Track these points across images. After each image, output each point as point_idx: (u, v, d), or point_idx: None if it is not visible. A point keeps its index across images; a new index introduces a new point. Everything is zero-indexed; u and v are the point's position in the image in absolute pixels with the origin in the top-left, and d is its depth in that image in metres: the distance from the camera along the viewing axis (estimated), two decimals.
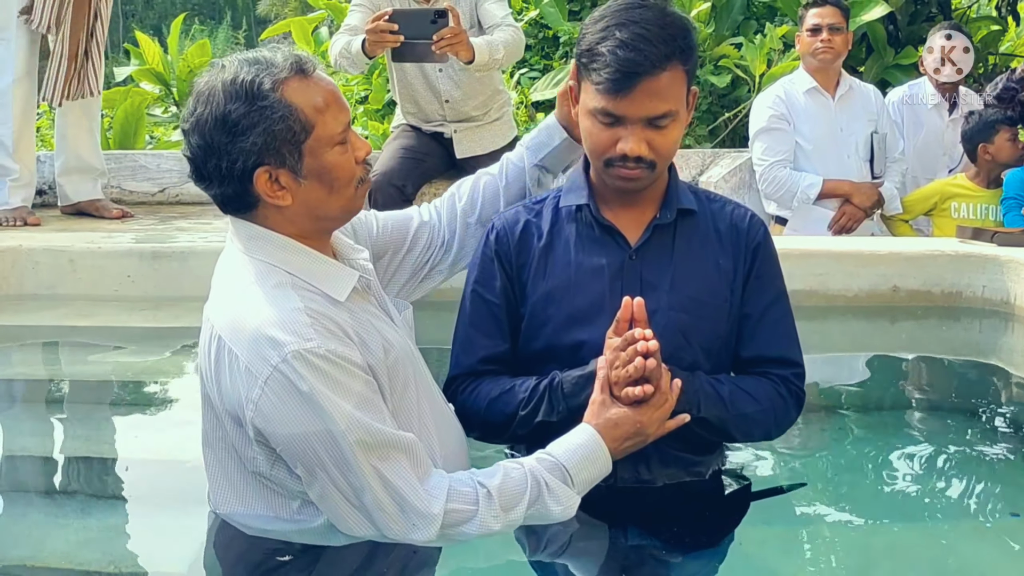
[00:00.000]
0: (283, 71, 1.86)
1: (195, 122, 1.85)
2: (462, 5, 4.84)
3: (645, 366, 1.93)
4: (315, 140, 1.87)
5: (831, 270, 3.71)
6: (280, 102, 1.84)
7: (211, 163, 1.85)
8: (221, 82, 1.84)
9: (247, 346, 1.81)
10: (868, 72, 6.95)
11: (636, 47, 1.98)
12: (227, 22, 32.65)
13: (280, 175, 1.86)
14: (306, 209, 1.91)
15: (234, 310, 1.87)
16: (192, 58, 7.60)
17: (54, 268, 3.76)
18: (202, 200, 5.37)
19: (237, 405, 1.84)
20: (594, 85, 2.03)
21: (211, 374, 1.89)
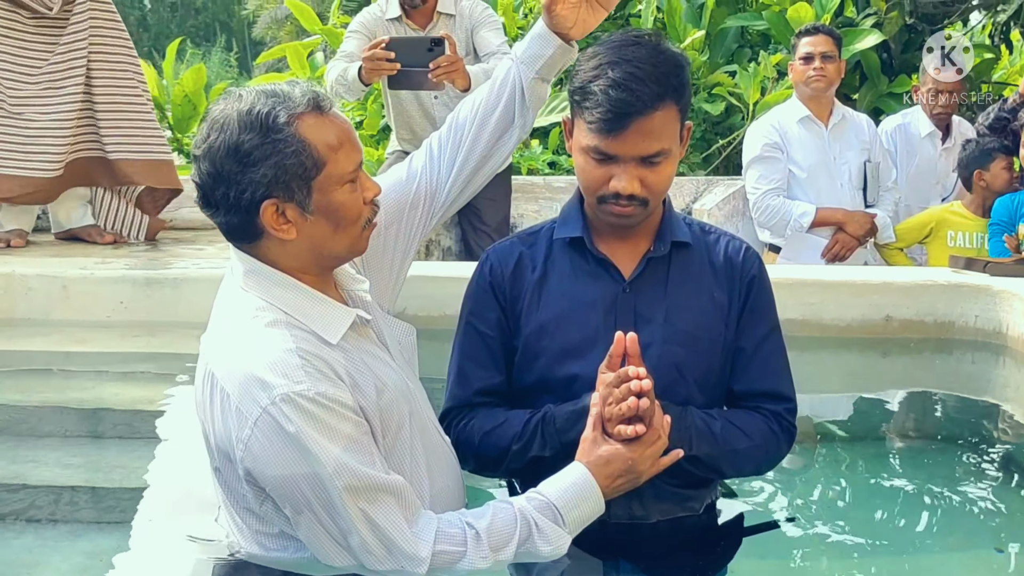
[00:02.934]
0: (300, 106, 1.86)
1: (207, 149, 1.85)
2: (458, 33, 4.86)
3: (638, 405, 1.92)
4: (325, 177, 1.87)
5: (824, 299, 3.71)
6: (294, 136, 1.84)
7: (219, 191, 1.85)
8: (237, 111, 1.85)
9: (238, 386, 1.81)
10: (862, 100, 6.97)
11: (628, 87, 1.98)
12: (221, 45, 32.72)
13: (287, 209, 1.86)
14: (310, 245, 1.91)
15: (227, 348, 1.87)
16: (187, 82, 7.59)
17: (47, 294, 3.75)
18: (195, 226, 5.37)
19: (228, 443, 1.84)
20: (587, 123, 2.03)
21: (206, 410, 1.89)
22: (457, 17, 4.94)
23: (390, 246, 2.26)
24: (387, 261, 2.27)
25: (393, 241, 2.27)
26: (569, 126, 2.15)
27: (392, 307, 2.28)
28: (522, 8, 7.78)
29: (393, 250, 2.27)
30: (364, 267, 2.20)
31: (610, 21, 7.42)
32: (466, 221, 5.23)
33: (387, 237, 2.25)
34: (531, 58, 2.32)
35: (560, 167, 6.50)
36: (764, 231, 5.27)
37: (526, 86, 2.32)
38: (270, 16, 28.61)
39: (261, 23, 29.71)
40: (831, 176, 5.18)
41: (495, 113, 2.33)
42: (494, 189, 5.22)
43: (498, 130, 2.34)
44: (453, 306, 2.42)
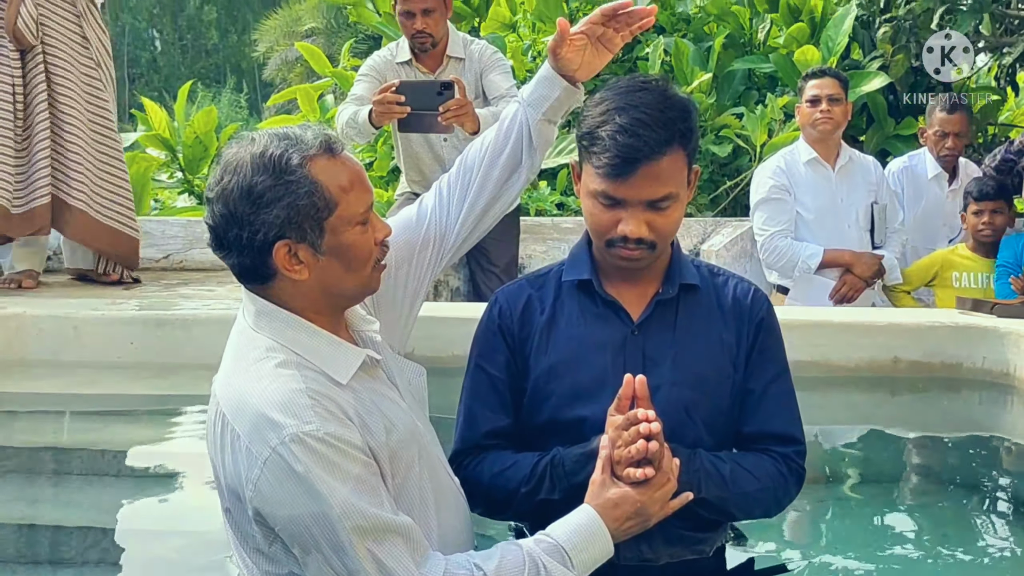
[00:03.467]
0: (312, 148, 1.89)
1: (220, 191, 1.87)
2: (467, 76, 4.90)
3: (647, 448, 1.92)
4: (337, 218, 1.89)
5: (832, 341, 3.72)
6: (306, 178, 1.87)
7: (232, 232, 1.87)
8: (250, 154, 1.88)
9: (248, 426, 1.82)
10: (869, 142, 7.00)
11: (636, 132, 1.99)
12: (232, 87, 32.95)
13: (299, 250, 1.88)
14: (322, 285, 1.93)
15: (238, 388, 1.88)
16: (198, 124, 7.66)
17: (58, 335, 3.77)
18: (206, 267, 5.40)
19: (237, 483, 1.85)
20: (595, 168, 2.05)
21: (217, 450, 1.91)
22: (467, 61, 4.98)
23: (400, 287, 2.27)
24: (397, 302, 2.28)
25: (404, 282, 2.28)
26: (577, 170, 2.17)
27: (403, 348, 2.29)
28: (531, 51, 7.85)
29: (404, 291, 2.28)
30: (375, 308, 2.21)
31: (617, 64, 7.48)
32: (474, 262, 5.25)
33: (397, 278, 2.26)
34: (537, 100, 2.34)
35: (568, 208, 6.52)
36: (772, 272, 5.28)
37: (533, 128, 2.34)
38: (281, 58, 28.81)
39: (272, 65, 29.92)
40: (838, 218, 5.20)
41: (503, 155, 2.35)
42: (502, 230, 5.24)
43: (506, 171, 2.36)
44: (461, 346, 2.44)
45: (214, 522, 2.09)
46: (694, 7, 7.74)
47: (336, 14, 25.35)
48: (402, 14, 4.88)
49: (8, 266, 4.92)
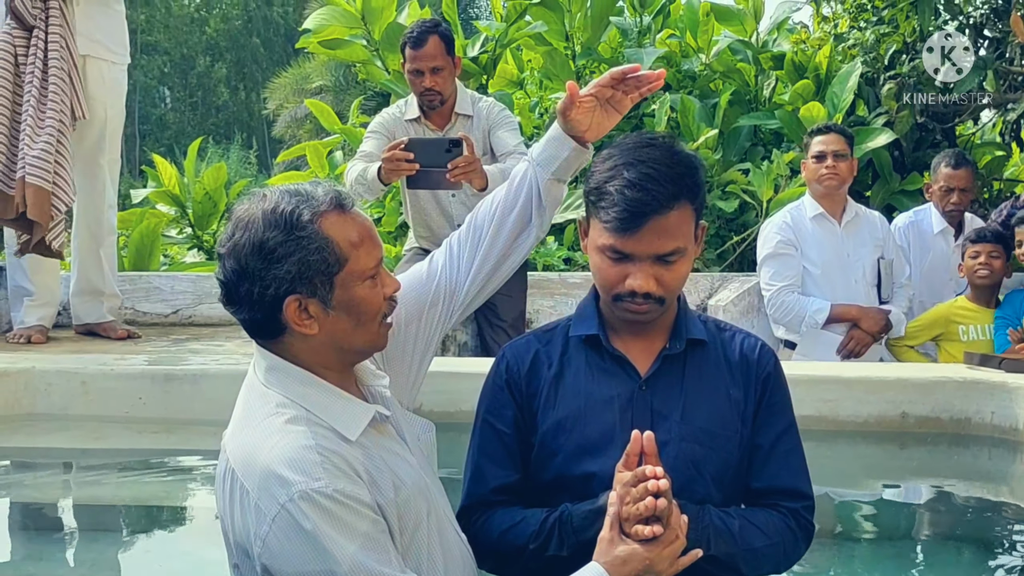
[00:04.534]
0: (323, 204, 1.91)
1: (232, 246, 1.89)
2: (475, 133, 4.94)
3: (656, 505, 1.91)
4: (347, 273, 1.91)
5: (840, 396, 3.71)
6: (317, 234, 1.88)
7: (243, 287, 1.89)
8: (262, 210, 1.89)
9: (257, 482, 1.82)
10: (875, 198, 7.03)
11: (644, 187, 2.00)
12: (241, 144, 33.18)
13: (309, 304, 1.90)
14: (331, 340, 1.94)
15: (248, 444, 1.88)
16: (208, 180, 7.71)
17: (66, 390, 3.77)
18: (214, 322, 5.42)
19: (246, 539, 1.85)
20: (603, 223, 2.05)
21: (226, 505, 1.90)
22: (475, 118, 5.03)
23: (410, 343, 2.28)
24: (407, 358, 2.28)
25: (413, 338, 2.28)
26: (584, 226, 2.17)
27: (411, 403, 2.30)
28: (538, 108, 7.91)
29: (413, 347, 2.29)
30: (384, 363, 2.21)
31: (624, 120, 7.51)
32: (482, 316, 5.26)
33: (407, 334, 2.27)
34: (547, 160, 2.36)
35: (575, 263, 6.54)
36: (779, 327, 5.28)
37: (542, 187, 2.35)
38: (290, 115, 29.04)
39: (281, 122, 30.15)
40: (845, 273, 5.21)
41: (512, 213, 2.36)
42: (510, 285, 5.24)
43: (516, 230, 2.37)
44: (469, 401, 2.43)
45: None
46: (700, 65, 7.81)
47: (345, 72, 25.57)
48: (411, 72, 4.93)
49: (19, 321, 4.95)
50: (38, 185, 4.53)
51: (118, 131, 5.11)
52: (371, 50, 7.84)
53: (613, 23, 8.06)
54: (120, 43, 5.02)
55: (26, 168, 4.52)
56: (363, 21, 7.73)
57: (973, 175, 5.86)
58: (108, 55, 4.94)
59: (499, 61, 8.09)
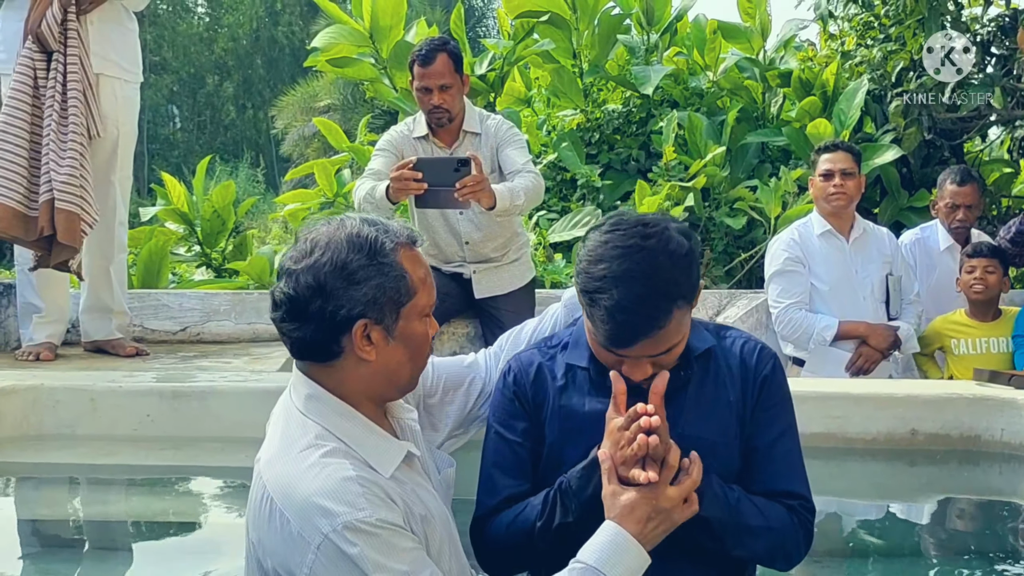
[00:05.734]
0: (400, 237, 2.01)
1: (310, 264, 1.94)
2: (484, 151, 4.95)
3: (648, 443, 1.93)
4: (412, 307, 2.01)
5: (849, 413, 3.70)
6: (396, 264, 1.98)
7: (316, 304, 1.93)
8: (345, 234, 1.97)
9: (299, 512, 1.86)
10: (883, 214, 7.03)
11: (636, 310, 2.00)
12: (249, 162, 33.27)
13: (374, 331, 1.97)
14: (384, 370, 2.01)
15: (286, 474, 1.92)
16: (216, 199, 7.73)
17: (74, 407, 3.77)
18: (222, 339, 5.42)
19: (284, 567, 1.88)
20: (595, 332, 2.07)
21: (263, 529, 1.93)
22: (483, 135, 5.03)
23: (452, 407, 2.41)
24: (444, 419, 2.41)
25: (454, 405, 2.41)
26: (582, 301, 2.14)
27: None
28: (545, 126, 7.92)
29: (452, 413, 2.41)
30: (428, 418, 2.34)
31: (632, 137, 7.55)
32: (490, 334, 5.26)
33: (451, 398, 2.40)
34: (573, 306, 2.50)
35: None
36: (787, 344, 5.28)
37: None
38: (298, 134, 29.13)
39: (289, 141, 30.24)
40: (853, 290, 5.20)
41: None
42: (518, 302, 5.27)
43: None
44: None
45: None
46: (707, 82, 7.83)
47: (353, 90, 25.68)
48: (419, 90, 4.94)
49: (28, 338, 4.96)
50: (68, 210, 4.58)
51: (130, 149, 5.13)
52: (379, 68, 7.88)
53: (620, 41, 8.09)
54: (133, 61, 5.04)
55: (54, 193, 4.56)
56: (371, 39, 7.77)
57: (979, 191, 5.85)
58: (121, 73, 4.96)
59: (507, 79, 8.12)
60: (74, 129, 4.64)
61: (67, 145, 4.62)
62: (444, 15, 25.71)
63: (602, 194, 7.21)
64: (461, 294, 5.23)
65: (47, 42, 4.61)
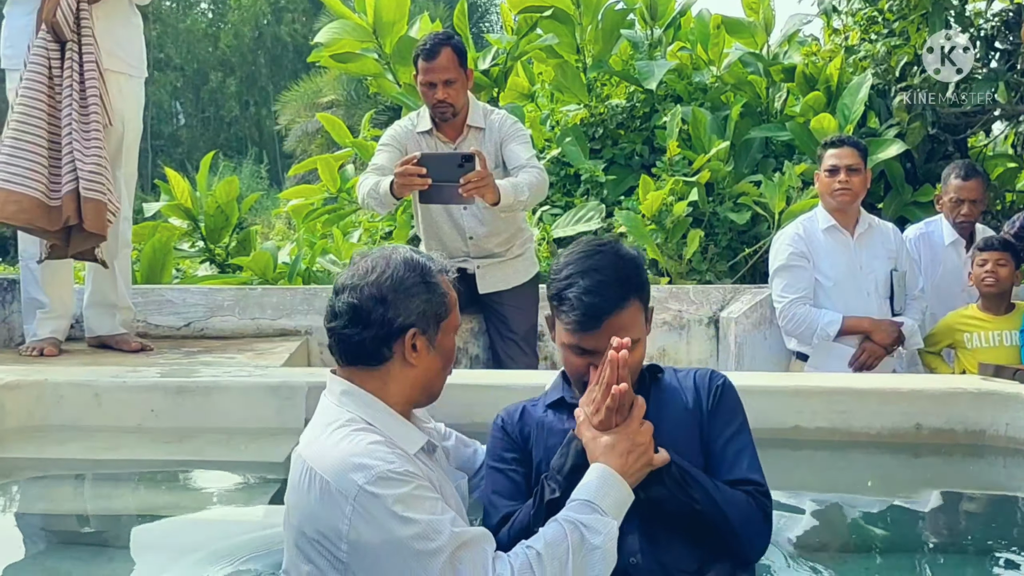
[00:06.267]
0: (439, 266, 2.44)
1: (374, 279, 2.33)
2: (487, 146, 4.94)
3: (621, 392, 2.27)
4: (448, 322, 2.42)
5: (853, 408, 3.70)
6: (441, 284, 2.40)
7: (378, 312, 2.31)
8: (400, 257, 2.38)
9: (335, 471, 2.15)
10: (887, 209, 7.02)
11: (599, 292, 2.37)
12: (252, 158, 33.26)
13: (420, 341, 2.35)
14: (424, 376, 2.39)
15: (322, 445, 2.23)
16: (220, 194, 7.72)
17: (79, 402, 3.77)
18: (226, 335, 5.42)
19: (326, 527, 2.13)
20: (564, 325, 2.43)
21: (301, 503, 2.20)
22: (487, 130, 5.03)
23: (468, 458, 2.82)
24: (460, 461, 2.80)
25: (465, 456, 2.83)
26: (551, 322, 2.55)
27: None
28: (549, 120, 7.92)
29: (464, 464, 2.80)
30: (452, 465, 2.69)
31: (636, 132, 7.54)
32: (494, 329, 5.27)
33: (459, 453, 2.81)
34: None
35: None
36: (791, 339, 5.27)
37: None
38: (301, 129, 29.12)
39: (292, 136, 30.23)
40: (857, 285, 5.20)
41: None
42: (522, 298, 5.27)
43: None
44: (481, 414, 2.79)
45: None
46: (711, 77, 7.82)
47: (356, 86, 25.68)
48: (423, 84, 4.94)
49: (32, 333, 4.96)
50: (96, 198, 4.62)
51: (135, 144, 5.13)
52: (382, 63, 7.87)
53: (624, 36, 8.09)
54: (138, 57, 5.04)
55: (80, 182, 4.60)
56: (374, 34, 7.76)
57: (983, 186, 5.84)
58: (127, 68, 4.96)
59: (510, 74, 8.11)
60: (95, 119, 4.68)
61: (90, 135, 4.65)
62: (447, 10, 25.69)
63: (606, 189, 7.20)
64: (465, 289, 5.22)
65: (62, 32, 4.61)
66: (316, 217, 7.76)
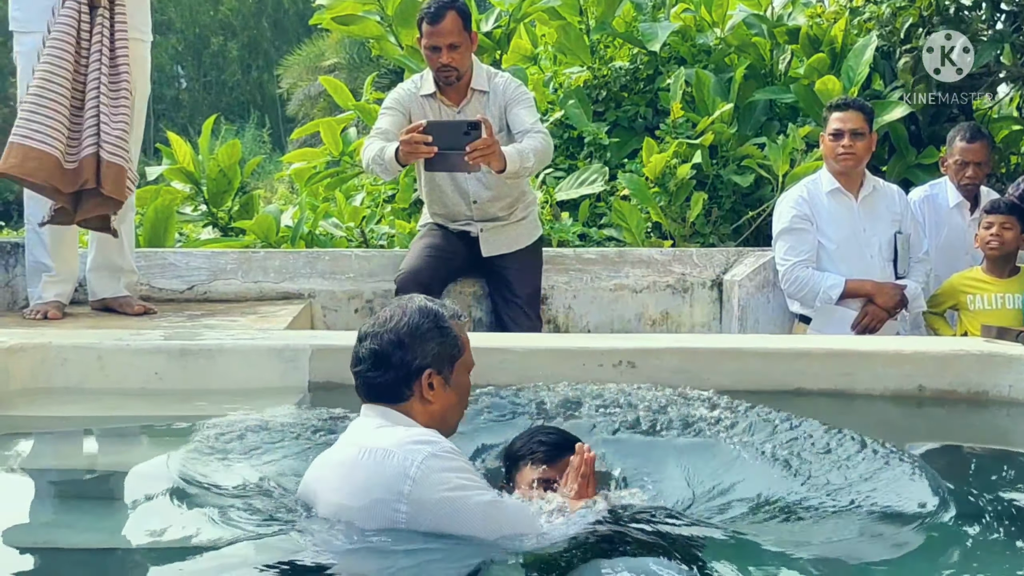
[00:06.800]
0: (452, 314, 2.68)
1: (392, 327, 2.59)
2: (491, 109, 4.92)
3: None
4: (462, 362, 2.67)
5: (857, 369, 3.71)
6: (452, 329, 2.65)
7: (397, 355, 2.56)
8: (416, 306, 2.64)
9: (401, 445, 2.41)
10: (891, 172, 6.99)
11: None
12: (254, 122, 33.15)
13: (436, 380, 2.59)
14: (441, 412, 2.62)
15: (381, 433, 2.49)
16: (222, 158, 7.68)
17: (82, 365, 3.78)
18: (229, 298, 5.43)
19: (390, 487, 2.36)
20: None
21: (350, 477, 2.43)
22: (491, 94, 5.01)
23: None
24: None
25: None
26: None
27: None
28: (552, 83, 7.88)
29: None
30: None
31: (639, 95, 7.51)
32: (497, 293, 5.26)
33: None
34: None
35: (590, 239, 6.54)
36: (794, 302, 5.27)
37: None
38: (304, 93, 29.01)
39: (295, 100, 30.12)
40: (861, 248, 5.19)
41: None
42: (525, 261, 5.27)
43: None
44: (484, 375, 2.92)
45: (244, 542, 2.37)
46: (715, 39, 7.77)
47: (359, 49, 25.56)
48: (428, 48, 4.91)
49: (36, 297, 4.96)
50: (118, 164, 4.67)
51: (142, 109, 5.11)
52: (385, 26, 7.82)
53: None
54: (144, 20, 5.03)
55: (103, 146, 4.63)
56: None
57: (989, 148, 5.83)
58: (138, 33, 4.95)
59: (513, 36, 8.06)
60: (125, 86, 4.73)
61: (119, 101, 4.71)
62: None
63: (609, 152, 7.17)
64: (468, 253, 5.22)
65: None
66: (318, 180, 7.73)
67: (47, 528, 2.77)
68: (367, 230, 6.91)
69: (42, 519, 2.85)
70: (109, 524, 2.80)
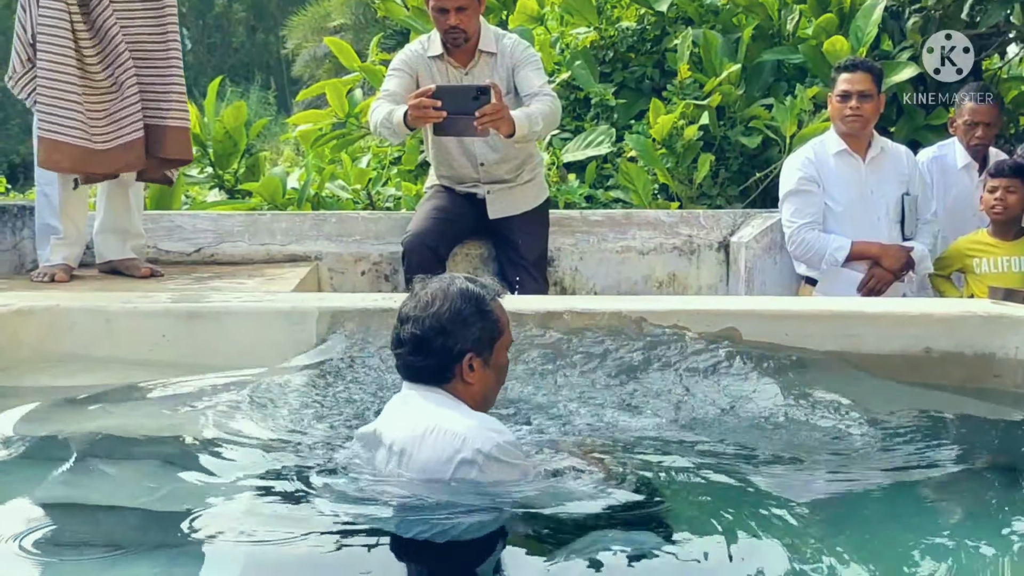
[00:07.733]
0: (493, 293, 2.72)
1: (434, 311, 2.62)
2: (499, 71, 4.91)
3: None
4: (502, 342, 2.72)
5: (863, 331, 3.71)
6: (493, 312, 2.69)
7: (439, 341, 2.61)
8: (458, 289, 2.65)
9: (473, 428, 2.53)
10: (899, 133, 6.96)
11: None
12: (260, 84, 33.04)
13: (477, 362, 2.65)
14: (482, 391, 2.69)
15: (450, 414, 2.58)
16: (228, 119, 7.67)
17: (90, 328, 3.80)
18: (236, 260, 5.44)
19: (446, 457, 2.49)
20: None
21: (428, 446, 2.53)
22: (498, 56, 4.99)
23: None
24: None
25: None
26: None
27: None
28: (559, 44, 7.84)
29: None
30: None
31: (646, 55, 7.47)
32: (504, 255, 5.26)
33: None
34: None
35: (597, 201, 6.53)
36: (800, 264, 5.27)
37: None
38: (309, 54, 28.88)
39: (300, 61, 29.98)
40: (867, 210, 5.17)
41: None
42: (532, 223, 5.26)
43: None
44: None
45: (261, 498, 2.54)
46: None
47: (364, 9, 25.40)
48: (435, 10, 4.89)
49: (44, 259, 4.97)
50: (184, 127, 4.97)
51: None
52: None
53: None
54: None
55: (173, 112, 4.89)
56: None
57: (998, 109, 5.80)
58: None
59: None
60: (174, 46, 4.93)
61: (170, 61, 4.91)
62: None
63: (616, 113, 7.14)
64: (475, 215, 5.22)
65: None
66: (324, 142, 7.71)
67: (61, 486, 2.77)
68: (373, 192, 6.90)
69: (61, 480, 2.84)
70: (117, 485, 2.81)
